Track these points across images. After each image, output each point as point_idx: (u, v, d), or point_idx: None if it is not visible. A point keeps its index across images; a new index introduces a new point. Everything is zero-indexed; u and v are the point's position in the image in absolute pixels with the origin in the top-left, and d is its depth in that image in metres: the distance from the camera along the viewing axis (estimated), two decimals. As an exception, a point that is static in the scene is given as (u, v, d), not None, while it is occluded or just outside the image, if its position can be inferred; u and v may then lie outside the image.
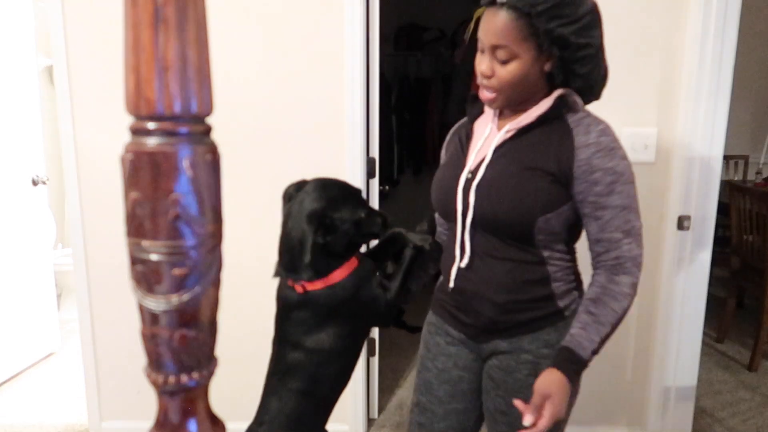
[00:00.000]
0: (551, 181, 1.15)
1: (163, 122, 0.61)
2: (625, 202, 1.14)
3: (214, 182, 0.65)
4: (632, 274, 1.15)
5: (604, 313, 1.14)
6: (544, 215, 1.15)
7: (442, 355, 1.36)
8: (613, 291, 1.14)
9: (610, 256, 1.15)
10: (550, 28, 1.09)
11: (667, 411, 2.33)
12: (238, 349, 2.30)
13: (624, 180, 1.14)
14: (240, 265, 2.27)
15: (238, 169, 2.21)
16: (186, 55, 0.60)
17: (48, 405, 2.76)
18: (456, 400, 1.35)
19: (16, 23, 2.98)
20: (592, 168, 1.13)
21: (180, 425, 0.68)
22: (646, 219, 2.25)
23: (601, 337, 1.14)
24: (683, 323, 2.25)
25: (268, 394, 1.41)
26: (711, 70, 2.06)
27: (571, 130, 1.15)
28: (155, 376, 0.66)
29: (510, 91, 1.16)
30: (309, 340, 1.37)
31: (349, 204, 1.33)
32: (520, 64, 1.12)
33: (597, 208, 1.14)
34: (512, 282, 1.21)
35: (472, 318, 1.27)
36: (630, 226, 1.15)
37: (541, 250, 1.20)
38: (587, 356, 1.13)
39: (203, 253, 0.67)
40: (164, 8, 0.57)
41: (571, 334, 1.15)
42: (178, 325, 0.65)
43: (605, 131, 1.15)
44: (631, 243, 1.15)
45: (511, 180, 1.17)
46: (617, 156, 1.13)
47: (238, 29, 2.14)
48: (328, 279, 1.32)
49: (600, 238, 1.16)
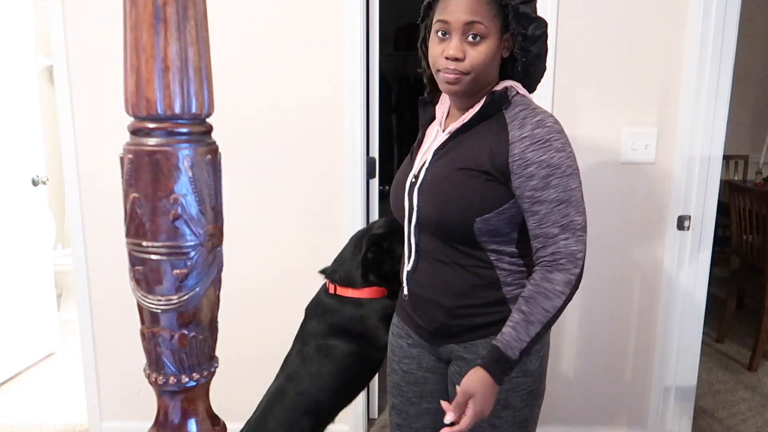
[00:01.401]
0: (486, 180, 1.13)
1: (163, 122, 0.61)
2: (562, 195, 1.09)
3: (214, 182, 0.65)
4: (567, 271, 1.10)
5: (535, 312, 1.10)
6: (481, 216, 1.13)
7: (405, 358, 1.36)
8: (546, 289, 1.10)
9: (546, 251, 1.11)
10: (515, 4, 1.10)
11: (667, 411, 2.33)
12: (238, 349, 2.30)
13: (560, 173, 1.09)
14: (241, 265, 2.27)
15: (238, 169, 2.21)
16: (186, 55, 0.60)
17: (48, 405, 2.76)
18: (426, 400, 1.35)
19: (16, 23, 2.98)
20: (526, 161, 1.09)
21: (180, 425, 0.68)
22: (646, 219, 2.26)
23: (530, 336, 1.10)
24: (683, 323, 2.25)
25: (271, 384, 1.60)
26: (711, 70, 2.06)
27: (507, 125, 1.13)
28: (155, 376, 0.66)
29: (478, 74, 1.13)
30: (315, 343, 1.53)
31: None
32: (490, 44, 1.11)
33: (533, 203, 1.10)
34: (461, 286, 1.20)
35: (425, 322, 1.26)
36: (568, 221, 1.10)
37: (488, 253, 1.18)
38: (515, 356, 1.10)
39: (203, 253, 0.67)
40: (164, 8, 0.57)
41: (501, 333, 1.12)
42: (178, 325, 0.65)
43: (542, 122, 1.11)
44: (569, 239, 1.10)
45: (446, 181, 1.16)
46: (552, 148, 1.09)
47: (238, 29, 2.14)
48: (357, 291, 1.53)
49: (537, 233, 1.12)
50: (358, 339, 1.51)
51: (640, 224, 2.22)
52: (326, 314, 1.53)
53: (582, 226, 1.11)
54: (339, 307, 1.52)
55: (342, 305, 1.52)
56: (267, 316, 2.34)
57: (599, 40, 2.09)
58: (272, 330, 2.33)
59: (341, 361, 1.51)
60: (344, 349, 1.51)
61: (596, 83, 2.12)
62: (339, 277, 1.54)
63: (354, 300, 1.52)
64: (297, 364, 1.54)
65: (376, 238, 1.52)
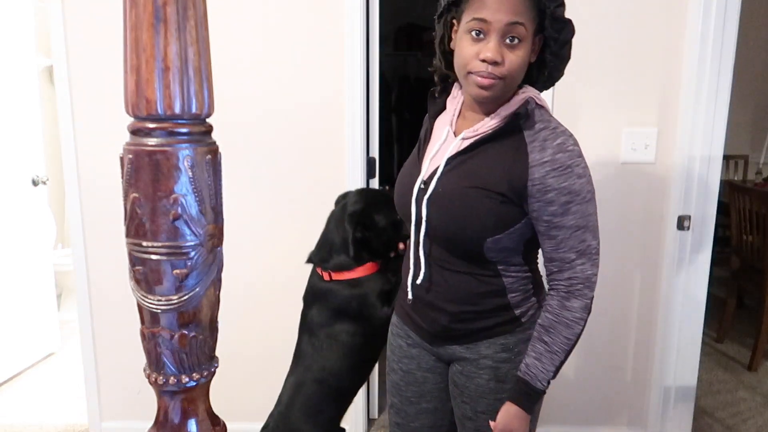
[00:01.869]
0: (501, 202, 1.10)
1: (163, 122, 0.61)
2: (580, 222, 1.09)
3: (214, 182, 0.65)
4: (584, 296, 1.11)
5: (557, 341, 1.12)
6: (493, 236, 1.12)
7: (405, 358, 1.35)
8: (566, 318, 1.11)
9: (562, 276, 1.12)
10: (553, 7, 1.06)
11: (667, 411, 2.33)
12: (238, 349, 2.30)
13: (580, 200, 1.08)
14: (241, 265, 2.27)
15: (238, 169, 2.21)
16: (186, 55, 0.60)
17: (48, 405, 2.76)
18: (425, 399, 1.35)
19: (16, 23, 2.98)
20: (546, 188, 1.07)
21: (180, 425, 0.68)
22: (646, 219, 2.26)
23: (555, 365, 1.13)
24: (683, 323, 2.25)
25: (287, 377, 1.61)
26: (711, 70, 2.06)
27: (526, 146, 1.09)
28: (155, 376, 0.66)
29: (513, 79, 1.08)
30: (323, 331, 1.54)
31: (386, 207, 1.54)
32: (527, 48, 1.07)
33: (551, 228, 1.10)
34: (467, 294, 1.19)
35: (428, 324, 1.26)
36: (584, 246, 1.10)
37: (496, 264, 1.17)
38: (543, 387, 1.14)
39: (203, 253, 0.67)
40: (164, 8, 0.57)
41: (526, 365, 1.14)
42: (178, 325, 0.65)
43: (562, 146, 1.08)
44: (585, 263, 1.11)
45: (458, 199, 1.13)
46: (573, 174, 1.07)
47: (238, 29, 2.14)
48: (351, 273, 1.51)
49: (553, 257, 1.12)
50: (360, 318, 1.52)
51: (640, 224, 2.22)
52: (326, 300, 1.53)
53: (597, 250, 1.12)
54: (337, 292, 1.52)
55: (340, 289, 1.53)
56: (267, 316, 2.34)
57: (599, 40, 2.09)
58: (272, 330, 2.34)
59: (351, 343, 1.53)
60: (350, 331, 1.52)
61: (596, 83, 2.12)
62: (333, 264, 1.53)
63: (350, 281, 1.52)
64: (310, 354, 1.55)
65: (358, 216, 1.51)
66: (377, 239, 1.53)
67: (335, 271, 1.53)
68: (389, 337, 1.42)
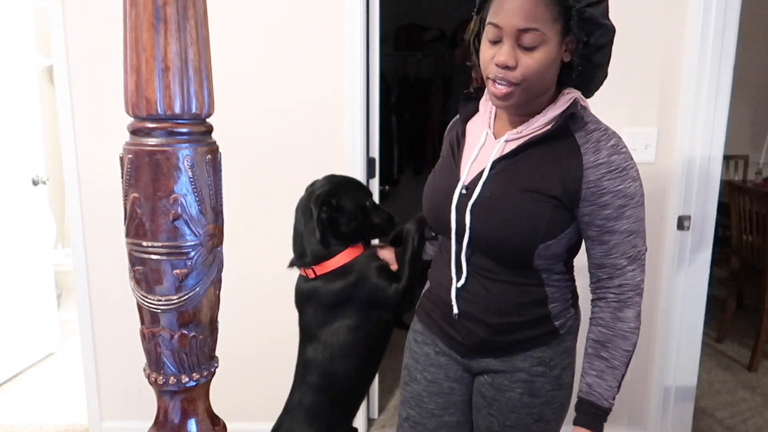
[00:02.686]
0: (554, 206, 1.06)
1: (163, 122, 0.61)
2: (633, 226, 1.06)
3: (214, 182, 0.65)
4: (636, 304, 1.09)
5: (617, 356, 1.09)
6: (545, 242, 1.07)
7: (432, 366, 1.27)
8: (622, 330, 1.09)
9: (613, 283, 1.08)
10: (581, 7, 0.99)
11: (667, 411, 2.33)
12: (238, 349, 2.30)
13: (634, 203, 1.05)
14: (241, 266, 2.27)
15: (238, 169, 2.21)
16: (186, 55, 0.60)
17: (48, 405, 2.76)
18: (448, 412, 1.27)
19: (16, 23, 2.98)
20: (601, 190, 1.04)
21: (180, 425, 0.68)
22: (647, 219, 2.25)
23: (618, 380, 1.10)
24: (683, 323, 2.25)
25: (293, 386, 1.51)
26: (711, 70, 2.06)
27: (578, 147, 1.05)
28: (155, 376, 0.66)
29: (531, 84, 1.03)
30: (322, 332, 1.43)
31: (354, 191, 1.48)
32: (548, 51, 1.00)
33: (604, 233, 1.06)
34: (508, 304, 1.14)
35: (463, 336, 1.19)
36: (636, 252, 1.07)
37: (540, 273, 1.13)
38: (610, 404, 1.10)
39: (203, 253, 0.67)
40: (164, 8, 0.57)
41: (588, 384, 1.10)
42: (178, 325, 0.65)
43: (617, 148, 1.05)
44: (635, 270, 1.08)
45: (509, 203, 1.08)
46: (629, 177, 1.04)
47: (238, 29, 2.14)
48: (333, 262, 1.41)
49: (604, 263, 1.08)
50: (361, 307, 1.41)
51: (640, 224, 2.22)
52: (317, 299, 1.42)
53: (644, 255, 1.09)
54: (326, 286, 1.41)
55: (330, 281, 1.41)
56: (267, 316, 2.34)
57: (599, 40, 2.09)
58: (272, 330, 2.33)
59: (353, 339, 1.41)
60: (351, 325, 1.41)
61: (596, 83, 2.12)
62: (309, 258, 1.43)
63: (338, 270, 1.41)
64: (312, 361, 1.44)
65: (323, 197, 1.41)
66: (346, 223, 1.42)
67: (316, 264, 1.42)
68: (411, 345, 1.32)
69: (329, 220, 1.41)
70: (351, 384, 1.46)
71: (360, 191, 1.50)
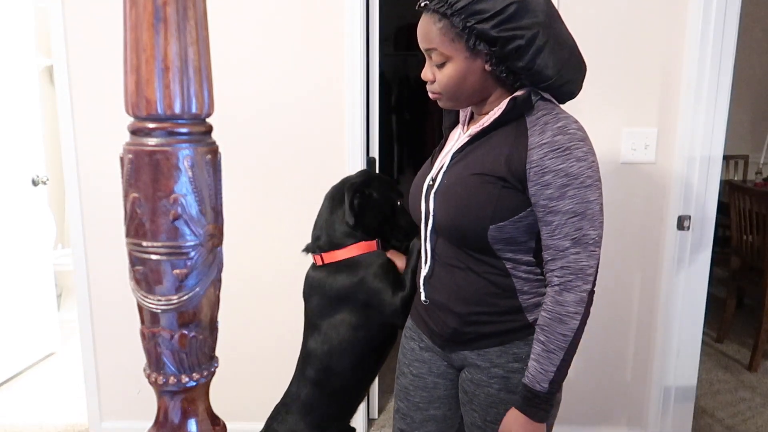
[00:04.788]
0: (502, 187, 1.09)
1: (163, 122, 0.61)
2: (578, 208, 1.05)
3: (214, 182, 0.65)
4: (577, 288, 1.07)
5: (553, 339, 1.08)
6: (495, 223, 1.09)
7: (416, 361, 1.32)
8: (559, 314, 1.07)
9: (555, 265, 1.08)
10: (470, 25, 1.05)
11: (667, 411, 2.33)
12: (238, 349, 2.30)
13: (578, 184, 1.04)
14: (241, 266, 2.27)
15: (238, 169, 2.21)
16: (186, 55, 0.60)
17: (48, 405, 2.76)
18: (433, 406, 1.31)
19: (16, 23, 2.98)
20: (543, 169, 1.05)
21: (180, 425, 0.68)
22: (646, 219, 2.26)
23: (555, 365, 1.08)
24: (683, 323, 2.25)
25: (293, 377, 1.52)
26: (711, 70, 2.06)
27: (526, 130, 1.09)
28: (155, 376, 0.66)
29: (452, 94, 1.14)
30: (324, 324, 1.43)
31: (387, 188, 1.51)
32: (455, 66, 1.10)
33: (547, 213, 1.07)
34: (475, 293, 1.17)
35: (439, 327, 1.23)
36: (580, 234, 1.06)
37: (503, 262, 1.15)
38: (544, 389, 1.09)
39: (203, 253, 0.67)
40: (164, 8, 0.57)
41: (527, 368, 1.12)
42: (178, 325, 0.65)
43: (564, 129, 1.06)
44: (579, 253, 1.06)
45: (460, 187, 1.13)
46: (572, 157, 1.04)
47: (238, 29, 2.14)
48: (342, 252, 1.42)
49: (548, 244, 1.09)
50: (361, 306, 1.39)
51: (640, 224, 2.22)
52: (322, 288, 1.42)
53: (595, 241, 1.07)
54: (333, 276, 1.40)
55: (335, 273, 1.40)
56: (267, 316, 2.34)
57: (599, 40, 2.09)
58: (272, 330, 2.34)
59: (353, 337, 1.40)
60: (352, 323, 1.39)
61: (596, 83, 2.12)
62: (323, 242, 1.43)
63: (346, 262, 1.41)
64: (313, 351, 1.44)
65: (358, 185, 1.43)
66: (372, 214, 1.45)
67: (327, 251, 1.42)
68: (402, 340, 1.38)
69: (359, 207, 1.43)
70: (347, 382, 1.46)
71: (393, 191, 1.52)
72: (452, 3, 1.05)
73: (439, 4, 1.07)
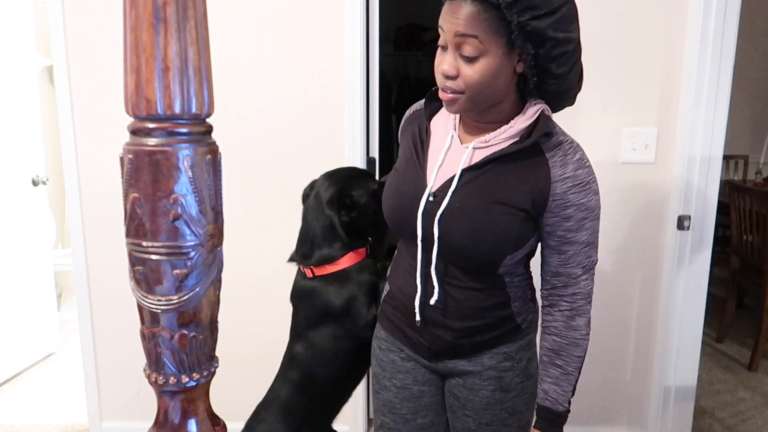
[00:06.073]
0: (523, 219, 1.08)
1: (163, 122, 0.61)
2: (591, 238, 1.10)
3: (214, 182, 0.65)
4: (587, 312, 1.13)
5: (570, 363, 1.13)
6: (512, 254, 1.10)
7: (399, 373, 1.28)
8: (574, 338, 1.13)
9: (567, 291, 1.12)
10: (523, 21, 0.94)
11: (667, 411, 2.33)
12: (238, 349, 2.30)
13: (593, 216, 1.10)
14: (241, 266, 2.27)
15: (238, 169, 2.21)
16: (186, 55, 0.60)
17: (48, 405, 2.76)
18: (421, 415, 1.29)
19: (16, 23, 2.98)
20: (566, 203, 1.07)
21: (180, 425, 0.68)
22: (646, 219, 2.26)
23: (572, 384, 1.15)
24: (683, 323, 2.25)
25: (275, 377, 1.51)
26: (711, 70, 2.06)
27: (546, 160, 1.07)
28: (155, 376, 0.66)
29: (476, 94, 1.02)
30: (310, 333, 1.43)
31: (359, 180, 1.45)
32: (490, 62, 0.99)
33: (564, 243, 1.09)
34: (473, 309, 1.16)
35: (430, 342, 1.20)
36: (590, 262, 1.12)
37: (503, 277, 1.16)
38: (566, 409, 1.15)
39: (203, 253, 0.67)
40: (164, 8, 0.57)
41: (544, 391, 1.15)
42: (178, 325, 0.65)
43: (582, 162, 1.08)
44: (588, 279, 1.12)
45: (480, 215, 1.08)
46: (591, 191, 1.08)
47: (238, 29, 2.14)
48: (335, 265, 1.40)
49: (560, 272, 1.12)
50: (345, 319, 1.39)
51: (640, 224, 2.22)
52: (311, 300, 1.40)
53: (596, 264, 1.14)
54: (322, 289, 1.38)
55: (325, 285, 1.38)
56: (267, 316, 2.34)
57: (599, 40, 2.09)
58: (272, 330, 2.33)
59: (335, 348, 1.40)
60: (337, 334, 1.39)
61: (596, 83, 2.12)
62: (315, 259, 1.40)
63: (336, 275, 1.38)
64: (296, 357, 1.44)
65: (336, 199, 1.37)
66: (363, 218, 1.40)
67: (318, 266, 1.39)
68: (377, 353, 1.33)
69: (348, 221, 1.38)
70: (328, 389, 1.46)
71: (365, 179, 1.45)
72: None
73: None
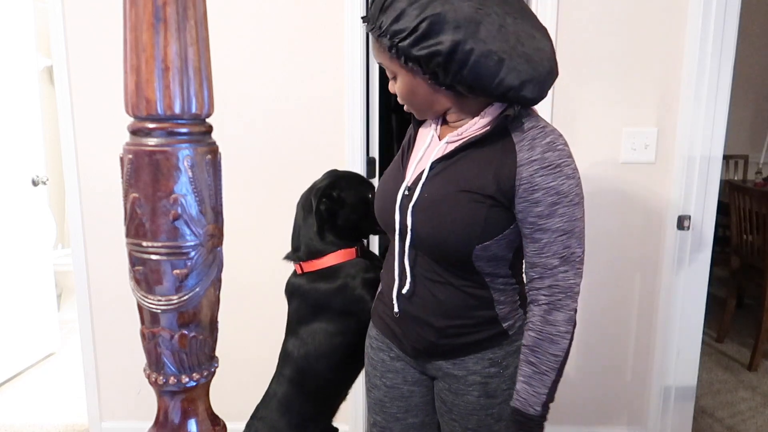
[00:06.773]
0: (491, 206, 1.06)
1: (163, 122, 0.61)
2: (566, 226, 1.03)
3: (214, 182, 0.65)
4: (566, 308, 1.06)
5: (545, 361, 1.06)
6: (482, 243, 1.07)
7: (389, 372, 1.29)
8: (550, 334, 1.06)
9: (543, 283, 1.06)
10: (393, 44, 1.02)
11: (667, 411, 2.33)
12: (238, 349, 2.30)
13: (567, 202, 1.03)
14: (240, 266, 2.27)
15: (238, 169, 2.21)
16: (186, 55, 0.60)
17: (48, 405, 2.76)
18: (411, 414, 1.30)
19: (16, 23, 2.98)
20: (533, 186, 1.03)
21: (180, 425, 0.68)
22: (646, 219, 2.26)
23: (547, 386, 1.07)
24: (683, 323, 2.25)
25: (273, 375, 1.52)
26: (711, 70, 2.06)
27: (514, 145, 1.05)
28: (155, 376, 0.66)
29: (411, 104, 1.15)
30: (303, 330, 1.44)
31: (355, 184, 1.47)
32: (404, 80, 1.10)
33: (536, 230, 1.05)
34: (453, 307, 1.15)
35: (413, 340, 1.20)
36: (569, 253, 1.05)
37: (483, 276, 1.13)
38: (539, 411, 1.07)
39: (203, 253, 0.67)
40: (164, 8, 0.57)
41: (516, 391, 1.09)
42: (178, 325, 0.65)
43: (552, 145, 1.04)
44: (568, 271, 1.05)
45: (446, 203, 1.08)
46: (562, 174, 1.02)
47: (238, 29, 2.14)
48: (321, 262, 1.41)
49: (535, 262, 1.07)
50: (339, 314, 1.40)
51: (640, 224, 2.22)
52: (302, 296, 1.43)
53: (581, 259, 1.07)
54: (310, 286, 1.41)
55: (313, 282, 1.40)
56: (267, 317, 2.34)
57: (599, 40, 2.09)
58: (272, 330, 2.33)
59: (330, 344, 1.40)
60: (330, 330, 1.39)
61: (596, 83, 2.12)
62: (302, 252, 1.43)
63: (325, 271, 1.40)
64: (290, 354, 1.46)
65: (323, 190, 1.41)
66: (345, 217, 1.42)
67: (306, 261, 1.41)
68: (369, 351, 1.34)
69: (328, 213, 1.41)
70: (323, 385, 1.46)
71: (361, 184, 1.49)
72: (380, 24, 1.03)
73: (371, 25, 1.06)
